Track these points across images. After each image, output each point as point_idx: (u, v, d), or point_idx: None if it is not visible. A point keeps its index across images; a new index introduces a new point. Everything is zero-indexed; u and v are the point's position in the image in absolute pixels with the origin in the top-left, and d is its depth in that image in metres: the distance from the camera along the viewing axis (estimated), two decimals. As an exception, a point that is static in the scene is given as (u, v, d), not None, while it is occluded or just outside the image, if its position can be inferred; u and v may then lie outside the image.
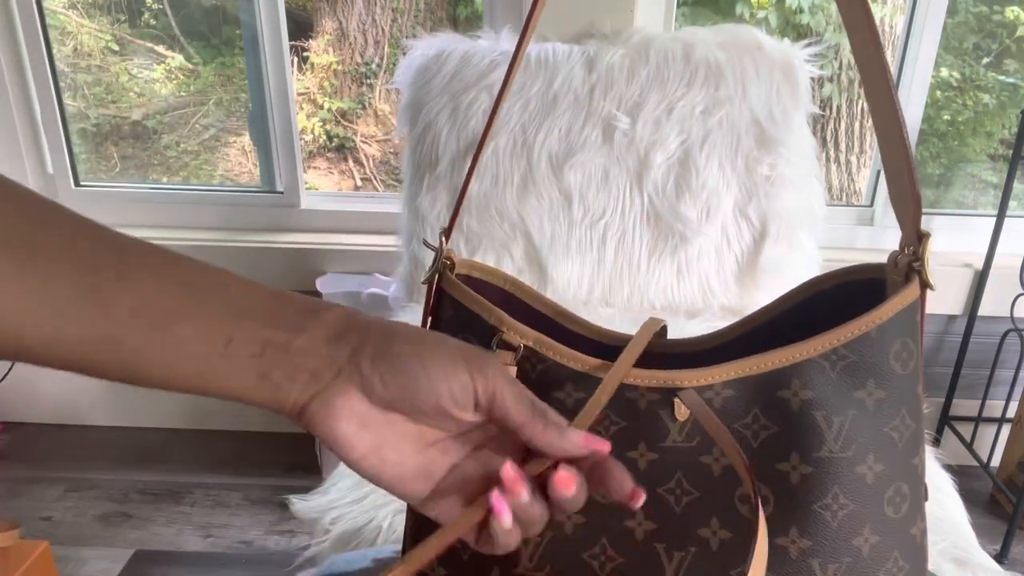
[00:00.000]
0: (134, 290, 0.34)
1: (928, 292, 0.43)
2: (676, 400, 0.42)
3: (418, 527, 0.49)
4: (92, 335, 0.33)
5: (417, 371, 0.36)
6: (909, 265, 0.43)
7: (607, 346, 0.49)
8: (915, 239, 0.43)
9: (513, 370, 0.44)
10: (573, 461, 0.37)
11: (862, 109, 2.43)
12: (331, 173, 3.04)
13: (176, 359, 0.35)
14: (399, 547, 0.51)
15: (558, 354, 0.44)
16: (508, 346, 0.44)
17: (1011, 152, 1.49)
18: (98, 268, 0.34)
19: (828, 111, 2.47)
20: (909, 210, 0.43)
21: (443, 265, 0.49)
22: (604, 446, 0.37)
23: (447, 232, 0.51)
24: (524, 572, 0.44)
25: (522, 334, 0.44)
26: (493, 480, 0.37)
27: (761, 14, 2.39)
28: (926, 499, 0.45)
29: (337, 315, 0.37)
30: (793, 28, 2.39)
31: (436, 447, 0.38)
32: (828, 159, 2.49)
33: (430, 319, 0.49)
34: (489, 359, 0.37)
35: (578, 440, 0.37)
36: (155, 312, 0.34)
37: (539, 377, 0.44)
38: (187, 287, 0.35)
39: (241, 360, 0.35)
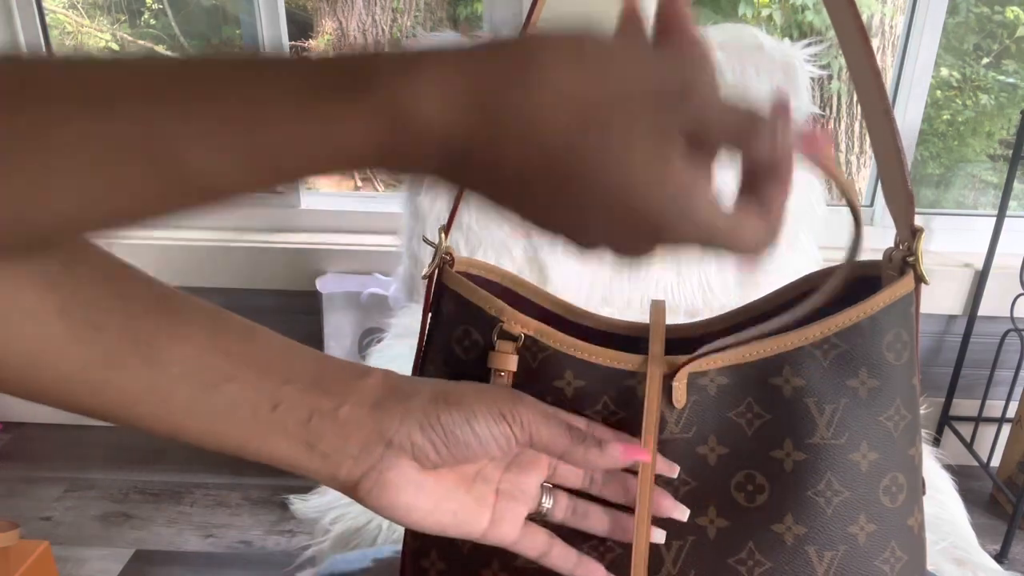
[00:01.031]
0: (184, 346, 0.34)
1: (929, 292, 0.44)
2: (674, 386, 0.43)
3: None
4: (139, 388, 0.33)
5: (468, 437, 0.37)
6: (903, 259, 0.44)
7: (610, 334, 0.50)
8: (909, 234, 0.43)
9: (514, 359, 0.44)
10: None
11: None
12: (331, 174, 3.03)
13: (224, 419, 0.35)
14: (399, 547, 0.51)
15: (560, 343, 0.44)
16: (509, 336, 0.44)
17: (1011, 152, 1.49)
18: (149, 321, 0.34)
19: (828, 111, 2.47)
20: (902, 207, 0.44)
21: (443, 260, 0.49)
22: (644, 455, 0.40)
23: (446, 228, 0.52)
24: (524, 565, 0.44)
25: (523, 323, 0.45)
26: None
27: (765, 12, 2.39)
28: (924, 493, 0.45)
29: (377, 381, 0.38)
30: (797, 26, 2.39)
31: (478, 479, 0.40)
32: (828, 159, 2.48)
33: (430, 315, 0.49)
34: (520, 402, 0.38)
35: (617, 455, 0.39)
36: (204, 369, 0.35)
37: (539, 366, 0.44)
38: (235, 345, 0.36)
39: (288, 427, 0.36)
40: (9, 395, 0.32)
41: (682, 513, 0.41)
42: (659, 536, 0.42)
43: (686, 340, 0.48)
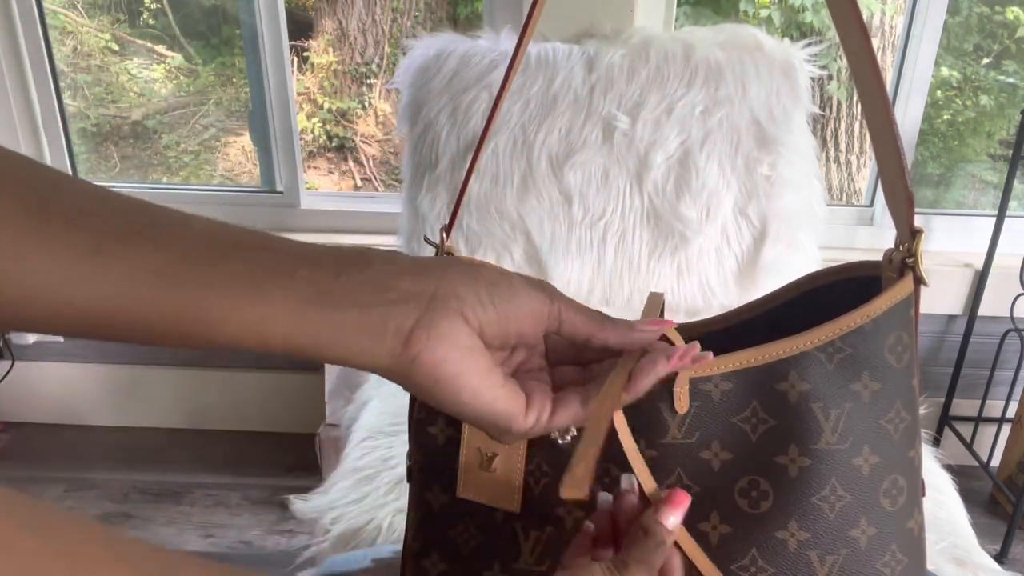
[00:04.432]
0: (185, 227, 0.32)
1: (929, 292, 0.44)
2: (676, 392, 0.43)
3: (419, 525, 0.50)
4: (143, 269, 0.30)
5: (508, 292, 0.36)
6: (903, 261, 0.43)
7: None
8: (909, 236, 0.43)
9: None
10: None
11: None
12: (331, 173, 3.04)
13: (241, 286, 0.31)
14: (399, 547, 0.51)
15: None
16: None
17: (1011, 152, 1.49)
18: (139, 212, 0.32)
19: (828, 111, 2.47)
20: (902, 208, 0.43)
21: (443, 261, 0.49)
22: (669, 324, 0.41)
23: (447, 229, 0.52)
24: (524, 567, 0.44)
25: None
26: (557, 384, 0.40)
27: (764, 12, 2.40)
28: (924, 495, 0.45)
29: (400, 253, 0.36)
30: (796, 27, 2.39)
31: (514, 375, 0.39)
32: (828, 159, 2.49)
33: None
34: (550, 285, 0.39)
35: (648, 327, 0.39)
36: (211, 245, 0.32)
37: None
38: (241, 231, 0.34)
39: (315, 286, 0.32)
40: None
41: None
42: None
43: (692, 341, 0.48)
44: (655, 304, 0.45)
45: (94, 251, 0.30)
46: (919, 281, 0.43)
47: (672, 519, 0.38)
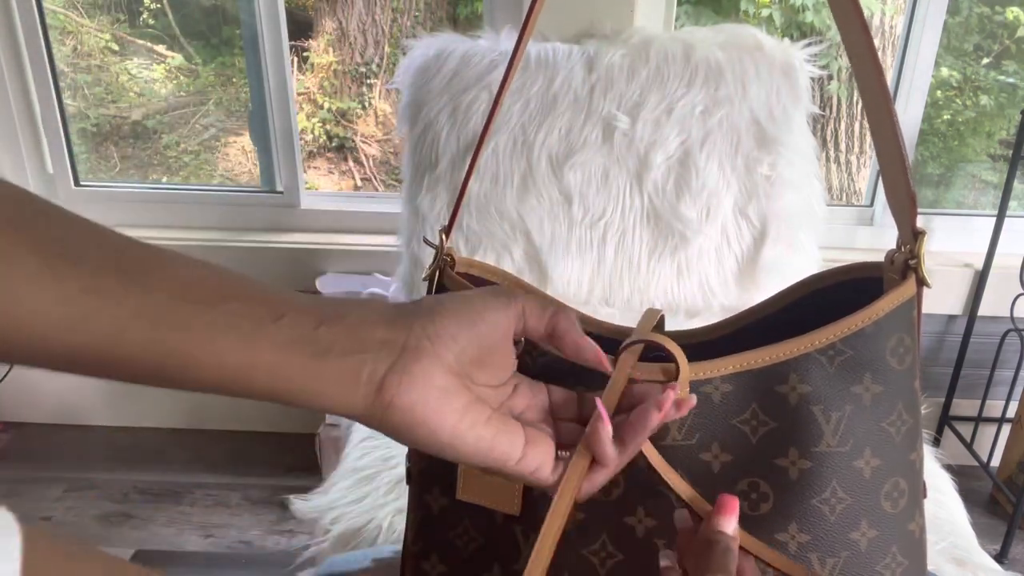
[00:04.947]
0: (174, 268, 0.33)
1: (928, 292, 0.44)
2: None
3: (419, 527, 0.49)
4: (125, 313, 0.31)
5: (474, 313, 0.36)
6: (905, 263, 0.43)
7: (609, 340, 0.49)
8: (911, 237, 0.43)
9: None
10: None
11: (862, 109, 2.43)
12: (331, 173, 3.04)
13: (224, 334, 0.32)
14: (399, 547, 0.51)
15: None
16: None
17: (1011, 152, 1.49)
18: (131, 252, 0.32)
19: (828, 111, 2.47)
20: (905, 209, 0.43)
21: (443, 262, 0.49)
22: (607, 367, 0.41)
23: (447, 230, 0.52)
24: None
25: None
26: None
27: (765, 12, 2.40)
28: (925, 496, 0.45)
29: (376, 301, 0.37)
30: (796, 26, 2.39)
31: (500, 409, 0.39)
32: (828, 159, 2.49)
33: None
34: (506, 287, 0.41)
35: (601, 360, 0.40)
36: (199, 288, 0.32)
37: (540, 370, 0.44)
38: (227, 275, 0.34)
39: (296, 337, 0.33)
40: None
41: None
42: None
43: (696, 346, 0.48)
44: (650, 319, 0.45)
45: (85, 291, 0.30)
46: (922, 283, 0.43)
47: (730, 524, 0.39)
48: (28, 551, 0.21)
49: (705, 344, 0.50)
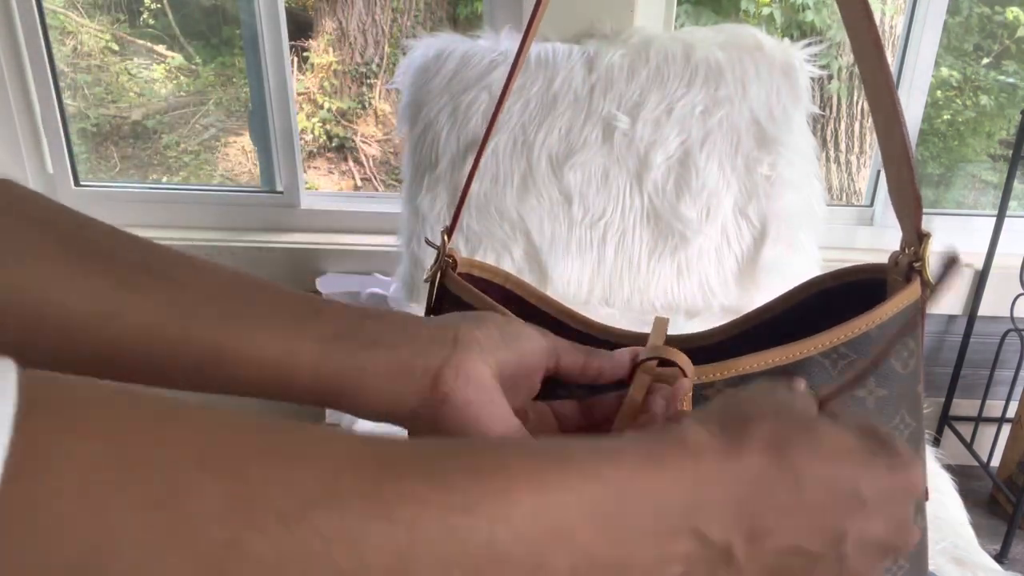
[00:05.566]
0: (205, 270, 0.32)
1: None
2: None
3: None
4: (158, 308, 0.30)
5: (519, 334, 0.37)
6: (910, 265, 0.43)
7: (609, 343, 0.49)
8: (916, 239, 0.43)
9: None
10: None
11: (862, 109, 2.43)
12: (331, 173, 3.04)
13: (264, 326, 0.31)
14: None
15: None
16: None
17: (1011, 152, 1.49)
18: (160, 253, 0.32)
19: (828, 111, 2.47)
20: (909, 210, 0.43)
21: (445, 263, 0.49)
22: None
23: (449, 231, 0.52)
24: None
25: None
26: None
27: (765, 11, 2.40)
28: (926, 499, 0.45)
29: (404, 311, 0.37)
30: (797, 26, 2.39)
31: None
32: (828, 159, 2.49)
33: (431, 317, 0.49)
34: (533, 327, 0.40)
35: (625, 358, 0.40)
36: (234, 286, 0.32)
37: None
38: (257, 278, 0.34)
39: (340, 330, 0.32)
40: (19, 347, 0.28)
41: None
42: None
43: (701, 349, 0.48)
44: (661, 331, 0.45)
45: (116, 287, 0.30)
46: (926, 286, 0.43)
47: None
48: (32, 409, 0.18)
49: (709, 347, 0.49)
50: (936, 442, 1.74)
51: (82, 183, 1.77)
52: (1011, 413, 1.68)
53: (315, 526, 0.20)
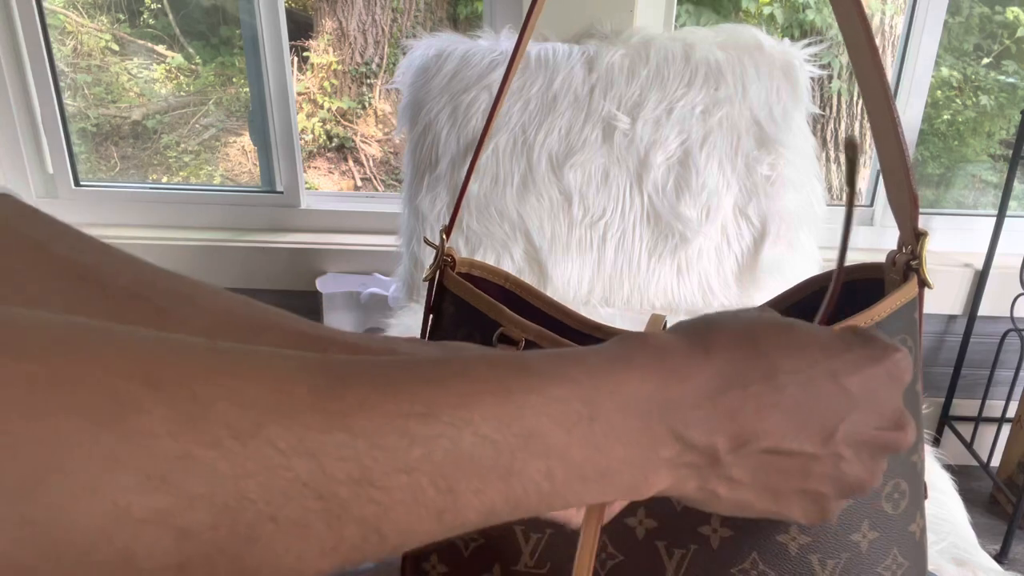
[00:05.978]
0: (203, 317, 0.33)
1: (928, 292, 0.44)
2: None
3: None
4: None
5: None
6: (907, 264, 0.43)
7: (595, 339, 0.49)
8: (912, 238, 0.43)
9: None
10: None
11: (862, 109, 2.43)
12: (331, 173, 3.04)
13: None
14: (399, 546, 0.51)
15: (560, 347, 0.44)
16: (509, 340, 0.44)
17: (1011, 152, 1.49)
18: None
19: (828, 111, 2.47)
20: (906, 209, 0.43)
21: (444, 262, 0.49)
22: None
23: (448, 230, 0.52)
24: (524, 570, 0.44)
25: (523, 328, 0.44)
26: None
27: (766, 10, 2.40)
28: (926, 498, 0.45)
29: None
30: (798, 25, 2.39)
31: None
32: (828, 159, 2.49)
33: (431, 316, 0.49)
34: None
35: None
36: (224, 331, 0.32)
37: None
38: (252, 318, 0.34)
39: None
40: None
41: None
42: None
43: None
44: (656, 325, 0.45)
45: (108, 316, 0.30)
46: (924, 284, 0.43)
47: None
48: None
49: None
50: (936, 442, 1.74)
51: (82, 183, 1.77)
52: (1011, 413, 1.68)
53: (270, 439, 0.20)
